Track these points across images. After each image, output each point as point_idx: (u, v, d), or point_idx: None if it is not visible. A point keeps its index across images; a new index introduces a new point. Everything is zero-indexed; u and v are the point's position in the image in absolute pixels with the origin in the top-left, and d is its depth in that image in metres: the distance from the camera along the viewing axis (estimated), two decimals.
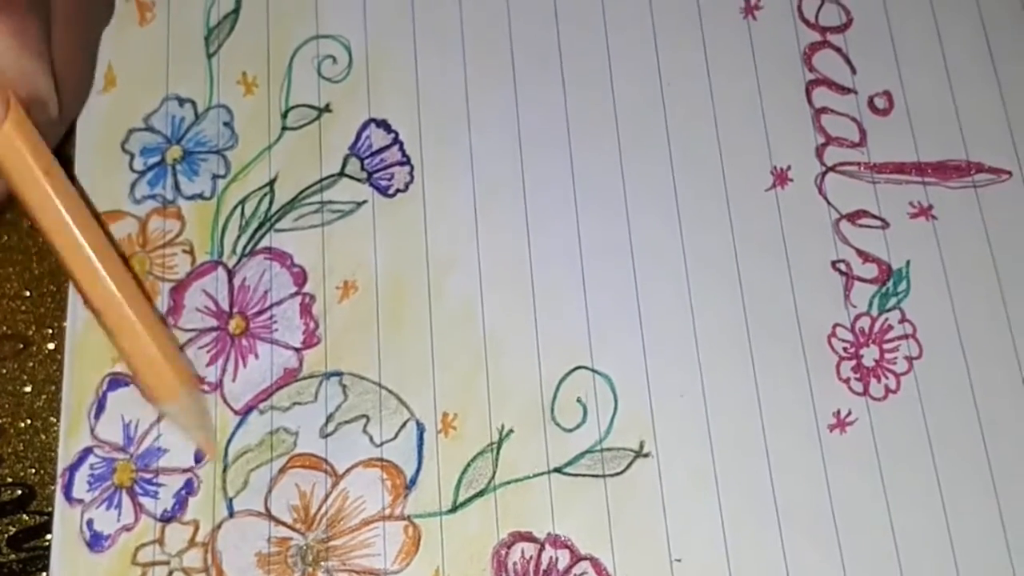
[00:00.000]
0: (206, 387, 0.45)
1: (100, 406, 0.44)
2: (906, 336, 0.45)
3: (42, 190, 0.37)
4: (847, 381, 0.44)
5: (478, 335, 0.45)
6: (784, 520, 0.42)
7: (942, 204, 0.47)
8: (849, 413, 0.44)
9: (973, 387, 0.44)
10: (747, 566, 0.42)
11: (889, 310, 0.46)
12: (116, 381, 0.45)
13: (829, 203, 0.47)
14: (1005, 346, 0.45)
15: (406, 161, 0.48)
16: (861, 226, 0.47)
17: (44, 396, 0.46)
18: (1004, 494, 0.43)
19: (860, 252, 0.46)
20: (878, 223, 0.47)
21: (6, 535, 0.44)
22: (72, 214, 0.37)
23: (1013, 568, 0.42)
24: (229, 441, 0.44)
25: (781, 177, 0.47)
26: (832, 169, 0.48)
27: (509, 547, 0.42)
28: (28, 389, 0.46)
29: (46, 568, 0.43)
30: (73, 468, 0.44)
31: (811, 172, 0.48)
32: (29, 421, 0.46)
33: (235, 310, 0.46)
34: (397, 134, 0.48)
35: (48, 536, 0.43)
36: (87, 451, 0.44)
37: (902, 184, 0.47)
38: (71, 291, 0.46)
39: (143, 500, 0.43)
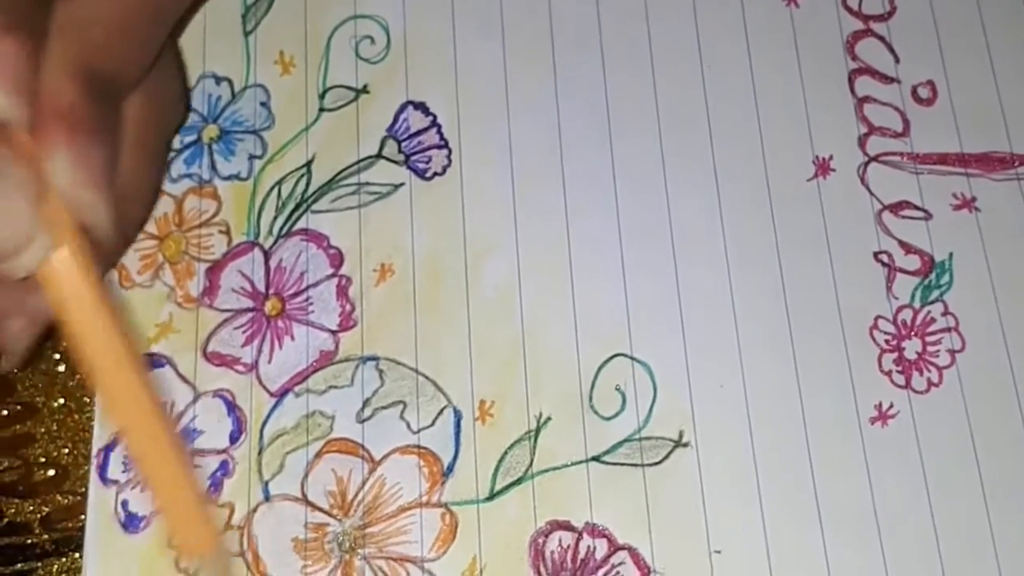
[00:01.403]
0: (242, 368, 0.44)
1: None
2: (949, 329, 0.45)
3: (90, 324, 0.35)
4: (889, 374, 0.44)
5: (516, 321, 0.45)
6: (824, 513, 0.42)
7: (985, 196, 0.47)
8: (891, 406, 0.43)
9: (1016, 381, 0.44)
10: (787, 559, 0.42)
11: (932, 302, 0.45)
12: (152, 361, 0.44)
13: (871, 193, 0.47)
14: None
15: (444, 144, 0.47)
16: (904, 217, 0.46)
17: (78, 376, 0.46)
18: None
19: (902, 243, 0.46)
20: (921, 214, 0.46)
21: (39, 515, 0.44)
22: (117, 353, 0.36)
23: None
24: (265, 423, 0.44)
25: (823, 167, 0.47)
26: (875, 159, 0.47)
27: (547, 536, 0.42)
28: (62, 368, 0.46)
29: (79, 549, 0.43)
30: (108, 449, 0.43)
31: (853, 162, 0.47)
32: (63, 400, 0.45)
33: (271, 291, 0.45)
34: (435, 117, 0.48)
35: (82, 517, 0.43)
36: None
37: (945, 175, 0.47)
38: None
39: None
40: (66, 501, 0.44)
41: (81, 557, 0.42)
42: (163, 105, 0.43)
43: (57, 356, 0.46)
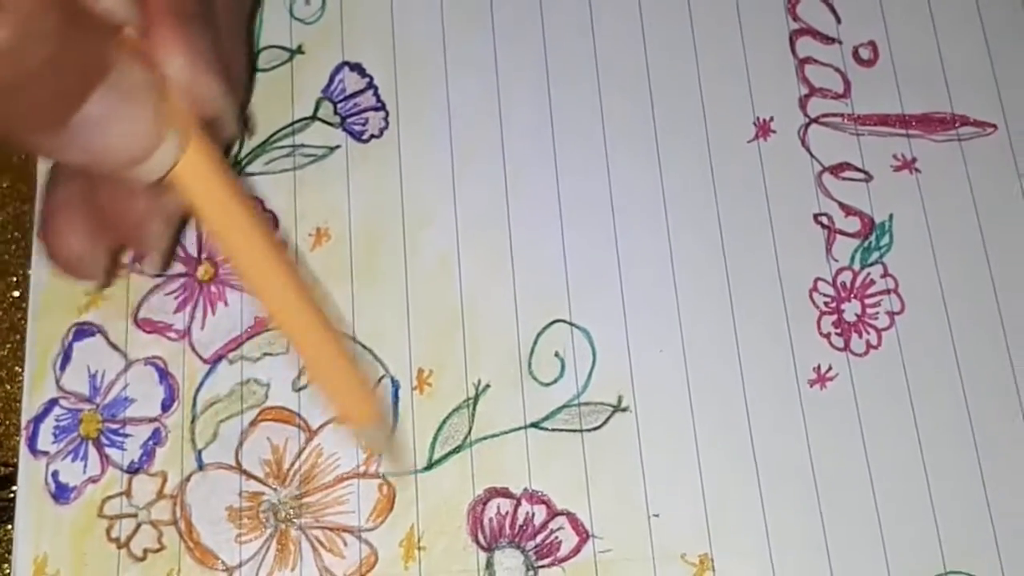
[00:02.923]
0: (174, 334, 0.44)
1: (66, 356, 0.43)
2: (888, 291, 0.45)
3: (226, 218, 0.35)
4: (828, 336, 0.44)
5: (455, 288, 0.44)
6: (763, 476, 0.42)
7: (926, 157, 0.46)
8: (830, 368, 0.43)
9: (955, 344, 0.44)
10: (726, 522, 0.41)
11: (871, 264, 0.45)
12: (82, 331, 0.43)
13: (812, 155, 0.46)
14: (988, 302, 0.44)
15: (381, 106, 0.47)
16: (844, 179, 0.46)
17: (8, 345, 0.45)
18: (985, 451, 0.42)
19: (842, 205, 0.46)
20: (861, 176, 0.46)
21: None
22: (256, 242, 0.35)
23: (993, 525, 0.41)
24: (198, 391, 0.43)
25: (764, 128, 0.47)
26: (815, 121, 0.47)
27: (485, 503, 0.42)
28: None
29: (11, 520, 0.42)
30: (38, 419, 0.43)
31: (794, 123, 0.47)
32: None
33: (204, 255, 0.45)
34: (372, 78, 0.47)
35: (13, 488, 0.42)
36: (52, 402, 0.43)
37: (886, 136, 0.47)
38: (35, 239, 0.45)
39: (109, 451, 0.42)
40: None
41: (13, 528, 0.42)
42: None
43: None
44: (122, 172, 0.33)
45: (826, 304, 0.44)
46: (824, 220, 0.45)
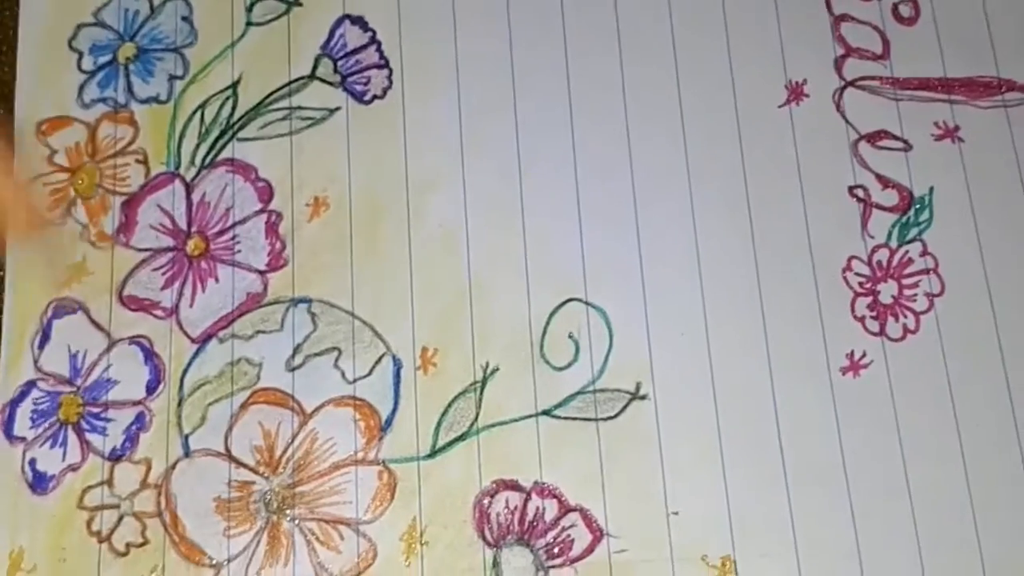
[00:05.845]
0: (161, 312, 0.41)
1: (44, 335, 0.41)
2: (927, 271, 0.42)
3: None
4: (862, 319, 0.41)
5: (462, 262, 0.41)
6: (791, 472, 0.39)
7: (970, 125, 0.43)
8: (864, 355, 0.41)
9: (998, 328, 0.41)
10: (750, 520, 0.39)
11: (910, 241, 0.42)
12: (62, 308, 0.41)
13: (847, 122, 0.43)
14: None
15: (384, 64, 0.44)
16: (881, 148, 0.43)
17: None
18: None
19: (879, 177, 0.43)
20: (900, 145, 0.43)
21: None
22: None
23: None
24: (185, 372, 0.41)
25: (796, 92, 0.43)
26: (851, 84, 0.44)
27: (492, 496, 0.39)
28: None
29: None
30: (14, 403, 0.40)
31: (829, 87, 0.44)
32: None
33: (194, 229, 0.42)
34: (374, 33, 0.44)
35: None
36: (30, 384, 0.40)
37: (927, 102, 0.44)
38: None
39: (90, 437, 0.40)
40: None
41: None
42: None
43: None
44: None
45: (860, 285, 0.41)
46: (859, 193, 0.42)
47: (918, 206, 0.42)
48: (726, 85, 0.43)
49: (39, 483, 0.39)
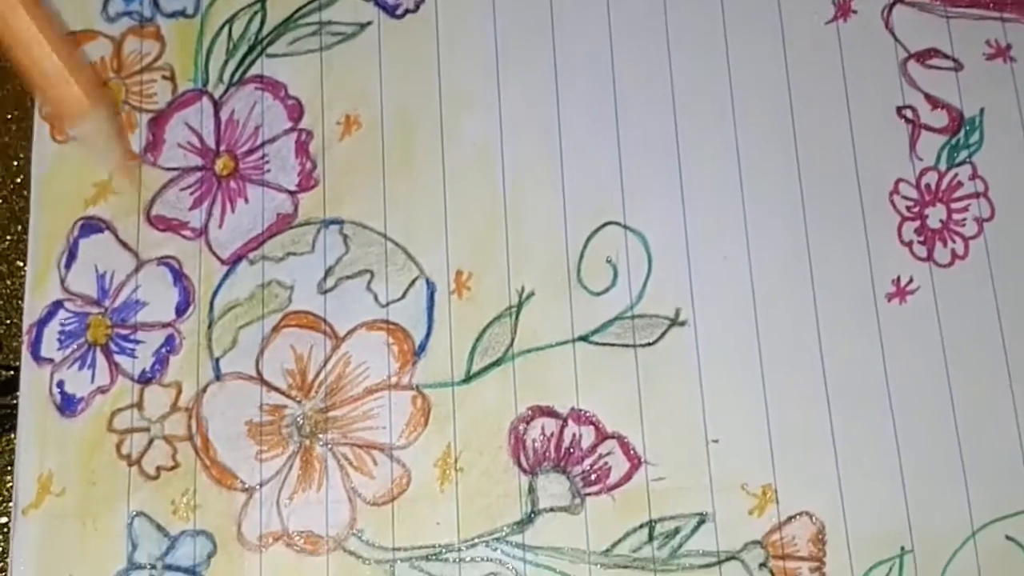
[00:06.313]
0: (190, 233, 0.40)
1: (71, 254, 0.40)
2: (977, 194, 0.40)
3: None
4: (909, 244, 0.40)
5: (497, 183, 0.40)
6: (834, 399, 0.38)
7: (1022, 44, 0.42)
8: (911, 280, 0.39)
9: None
10: (792, 449, 0.38)
11: (959, 164, 0.41)
12: (89, 226, 0.40)
13: (896, 40, 0.42)
14: None
15: None
16: (931, 67, 0.42)
17: (9, 237, 0.41)
18: None
19: (929, 97, 0.41)
20: (950, 64, 0.42)
21: None
22: None
23: None
24: (215, 294, 0.40)
25: (843, 8, 0.42)
26: (901, 1, 0.42)
27: (528, 422, 0.38)
28: None
29: (13, 429, 0.39)
30: (41, 323, 0.39)
31: (878, 3, 0.42)
32: None
33: (222, 148, 0.41)
34: None
35: (16, 394, 0.39)
36: (57, 305, 0.40)
37: (978, 20, 0.42)
38: (36, 118, 0.41)
39: (119, 359, 0.39)
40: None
41: (15, 438, 0.39)
42: None
43: None
44: None
45: (908, 209, 0.40)
46: (908, 113, 0.41)
47: (968, 128, 0.41)
48: (770, 0, 0.42)
49: (68, 405, 0.39)
